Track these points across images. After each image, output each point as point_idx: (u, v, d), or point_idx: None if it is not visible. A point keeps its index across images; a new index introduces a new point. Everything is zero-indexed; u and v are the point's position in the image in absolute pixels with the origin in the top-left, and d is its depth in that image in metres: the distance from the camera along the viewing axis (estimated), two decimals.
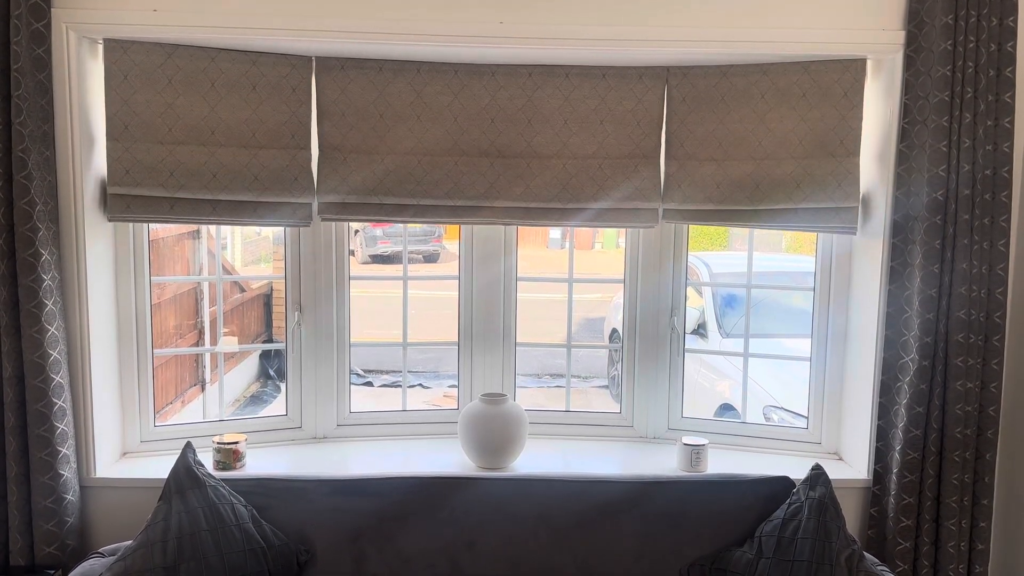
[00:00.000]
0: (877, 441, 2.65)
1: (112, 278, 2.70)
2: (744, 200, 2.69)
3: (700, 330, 5.73)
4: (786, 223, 2.69)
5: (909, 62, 2.50)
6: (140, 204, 2.56)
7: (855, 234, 2.67)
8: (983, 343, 2.53)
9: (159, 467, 2.67)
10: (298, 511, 2.36)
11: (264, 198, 2.63)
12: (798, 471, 2.64)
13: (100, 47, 2.52)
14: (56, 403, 2.42)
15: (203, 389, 6.48)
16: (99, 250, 2.61)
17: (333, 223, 2.89)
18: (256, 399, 7.19)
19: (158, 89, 2.54)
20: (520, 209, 2.75)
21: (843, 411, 2.89)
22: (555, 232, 14.15)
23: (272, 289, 7.85)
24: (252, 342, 7.47)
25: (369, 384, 7.69)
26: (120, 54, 2.51)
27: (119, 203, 2.55)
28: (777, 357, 3.20)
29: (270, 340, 7.85)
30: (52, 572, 2.41)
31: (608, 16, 2.51)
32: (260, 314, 7.88)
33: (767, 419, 4.47)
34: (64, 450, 2.45)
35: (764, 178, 2.68)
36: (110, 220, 2.56)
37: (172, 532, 2.18)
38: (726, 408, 4.99)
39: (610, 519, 2.40)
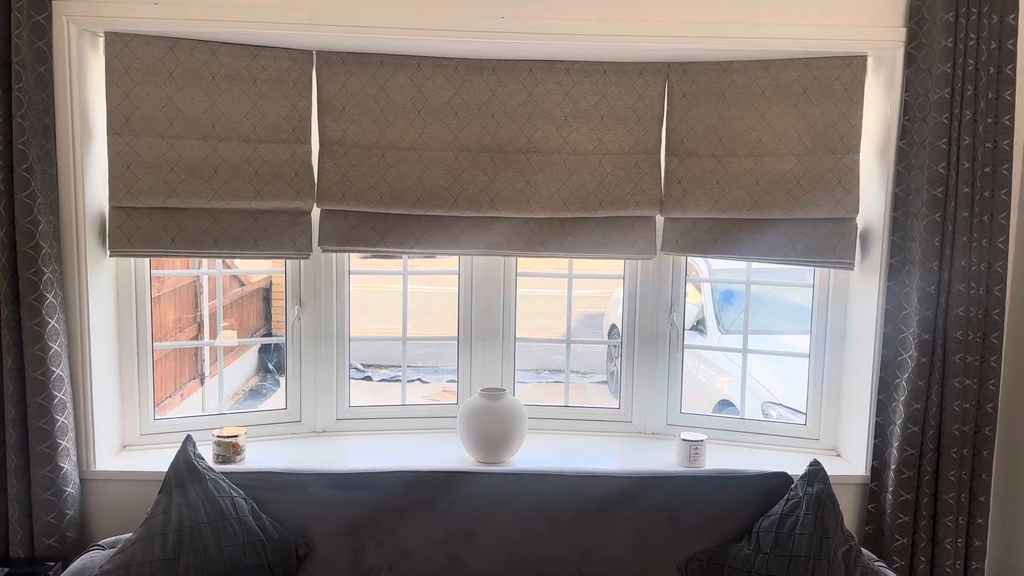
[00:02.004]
0: (875, 438, 2.66)
1: (112, 271, 2.70)
2: (744, 198, 2.69)
3: (699, 326, 5.74)
4: (784, 257, 2.71)
5: (910, 59, 2.50)
6: (141, 238, 2.58)
7: (852, 269, 2.68)
8: (981, 340, 2.54)
9: (159, 460, 2.68)
10: (297, 504, 2.37)
11: (263, 197, 2.63)
12: (796, 467, 2.66)
13: (101, 40, 2.52)
14: (56, 396, 2.43)
15: (202, 383, 6.49)
16: (99, 243, 2.61)
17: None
18: (255, 393, 7.19)
19: (159, 83, 2.54)
20: (520, 234, 2.76)
21: (841, 407, 2.90)
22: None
23: (271, 283, 7.85)
24: (251, 336, 7.48)
25: (368, 379, 7.70)
26: (121, 47, 2.51)
27: (119, 236, 2.58)
28: (776, 353, 3.21)
29: (269, 334, 7.85)
30: (52, 564, 2.42)
31: (609, 12, 2.51)
32: (259, 308, 7.89)
33: (765, 415, 4.48)
34: (64, 443, 2.46)
35: (764, 175, 2.68)
36: (111, 256, 2.59)
37: (172, 525, 2.18)
38: (725, 404, 5.00)
39: (608, 514, 2.41)
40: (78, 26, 2.43)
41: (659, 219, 2.84)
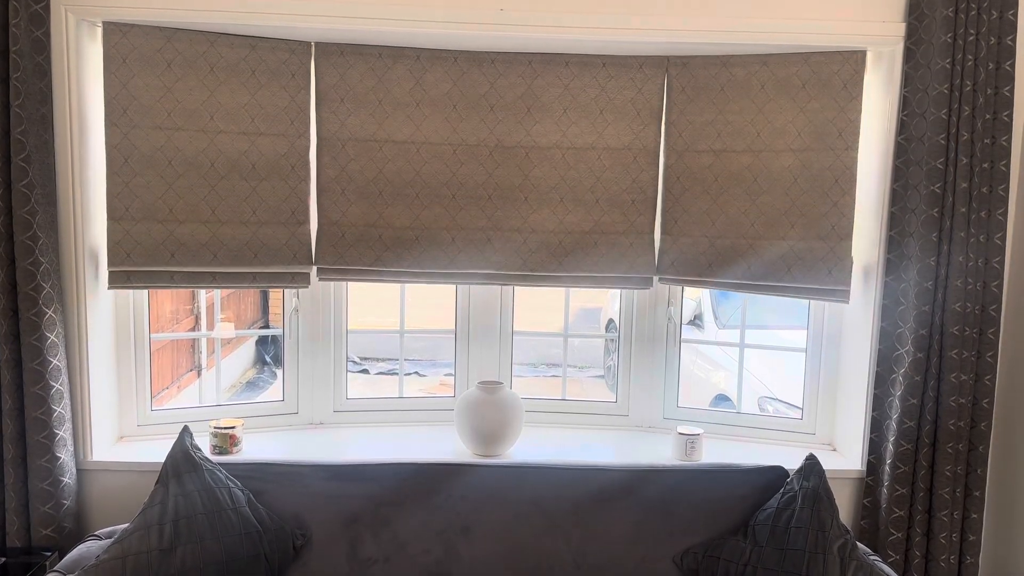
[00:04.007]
0: (871, 432, 2.67)
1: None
2: (741, 195, 2.69)
3: (696, 321, 5.75)
4: (779, 283, 2.72)
5: (909, 54, 2.50)
6: (140, 257, 2.58)
7: (847, 302, 2.68)
8: (978, 336, 2.54)
9: (156, 451, 2.68)
10: (294, 495, 2.37)
11: (260, 195, 2.63)
12: (792, 461, 2.66)
13: (99, 30, 2.52)
14: (53, 386, 2.42)
15: (199, 375, 6.49)
16: (97, 233, 2.61)
17: (330, 278, 2.88)
18: (252, 385, 7.19)
19: (157, 73, 2.54)
20: (519, 253, 2.77)
21: (838, 402, 2.91)
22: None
23: None
24: (248, 328, 7.48)
25: (365, 371, 7.70)
26: (119, 37, 2.50)
27: (118, 251, 2.57)
28: (772, 348, 3.21)
29: (267, 326, 7.85)
30: (49, 554, 2.42)
31: (609, 4, 2.50)
32: (256, 300, 7.88)
33: (762, 410, 4.49)
34: (61, 433, 2.46)
35: (762, 171, 2.68)
36: (110, 287, 2.59)
37: (169, 515, 2.18)
38: (721, 399, 5.01)
39: (605, 507, 2.42)
40: (76, 15, 2.42)
41: (656, 242, 2.84)
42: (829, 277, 2.65)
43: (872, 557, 2.34)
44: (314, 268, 2.77)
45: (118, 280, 2.58)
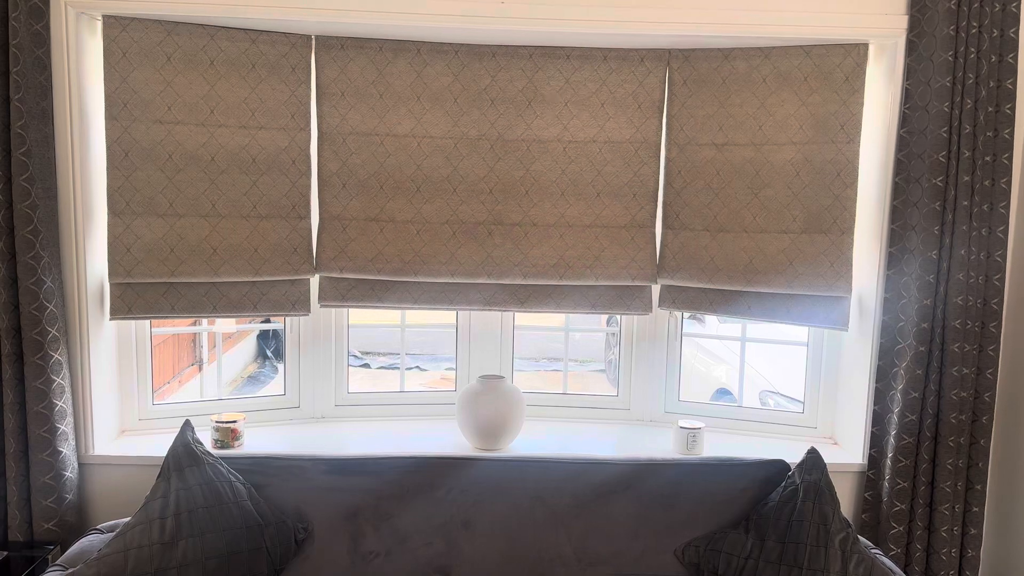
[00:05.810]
0: (873, 426, 2.66)
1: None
2: (744, 189, 2.69)
3: (697, 315, 5.74)
4: (776, 316, 2.74)
5: (911, 47, 2.49)
6: (141, 252, 2.56)
7: (846, 330, 2.68)
8: (980, 329, 2.54)
9: (157, 445, 2.68)
10: (296, 489, 2.38)
11: (260, 188, 2.62)
12: (794, 455, 2.66)
13: (99, 24, 2.51)
14: (55, 380, 2.42)
15: (200, 369, 6.49)
16: (97, 227, 2.60)
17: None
18: (253, 380, 7.20)
19: (157, 67, 2.53)
20: (517, 284, 2.79)
21: (839, 396, 2.90)
22: None
23: None
24: (250, 323, 7.47)
25: (367, 366, 7.70)
26: (119, 31, 2.49)
27: (118, 253, 2.56)
28: (774, 342, 3.21)
29: (268, 320, 7.85)
30: (51, 548, 2.43)
31: None
32: None
33: (763, 403, 4.49)
34: (63, 427, 2.46)
35: (764, 164, 2.68)
36: (112, 318, 2.60)
37: (170, 509, 2.19)
38: (723, 393, 5.01)
39: (606, 500, 2.42)
40: (76, 9, 2.41)
41: (657, 237, 2.83)
42: (830, 270, 2.64)
43: (873, 550, 2.34)
44: (315, 279, 2.76)
45: (119, 311, 2.58)
